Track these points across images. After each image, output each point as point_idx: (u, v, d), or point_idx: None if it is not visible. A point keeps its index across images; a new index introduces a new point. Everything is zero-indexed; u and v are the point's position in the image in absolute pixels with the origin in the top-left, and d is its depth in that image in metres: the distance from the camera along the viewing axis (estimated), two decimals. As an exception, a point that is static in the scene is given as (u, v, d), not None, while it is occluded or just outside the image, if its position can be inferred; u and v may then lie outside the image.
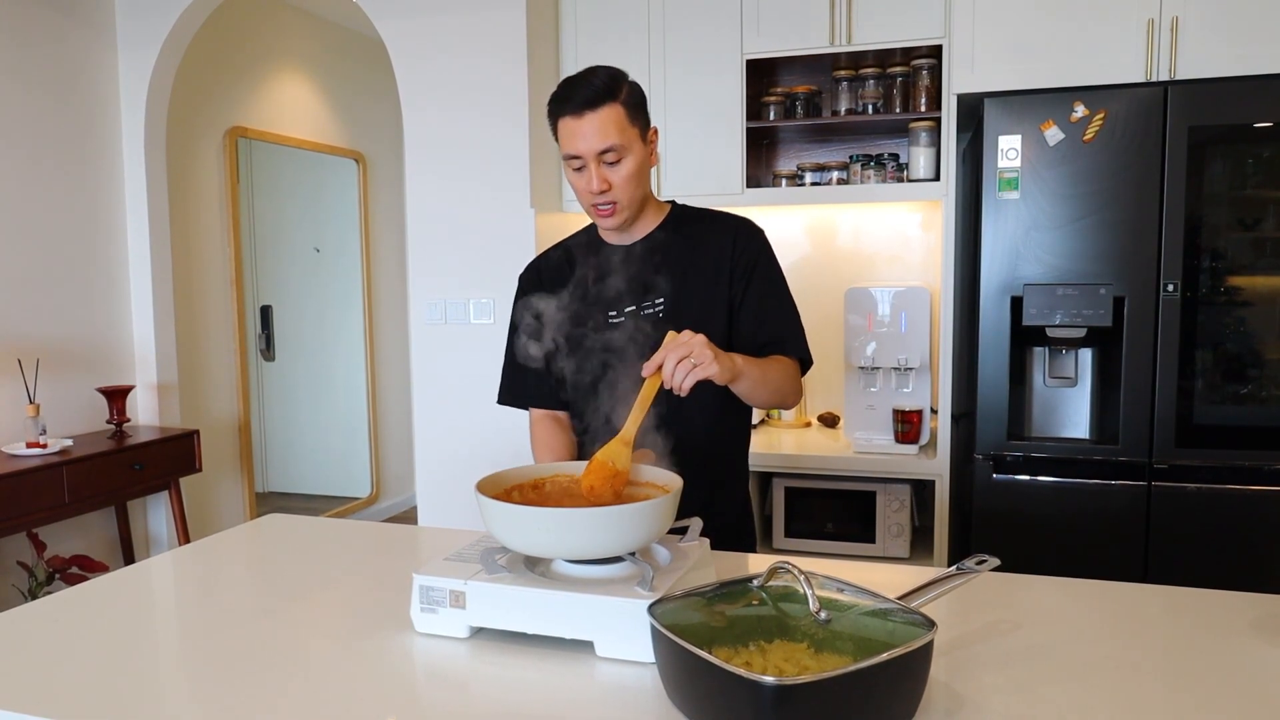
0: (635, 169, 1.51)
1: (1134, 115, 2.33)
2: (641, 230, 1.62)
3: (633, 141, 1.50)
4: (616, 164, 1.49)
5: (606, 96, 1.47)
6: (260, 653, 1.16)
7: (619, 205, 1.52)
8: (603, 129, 1.46)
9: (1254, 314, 2.32)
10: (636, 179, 1.52)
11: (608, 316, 1.59)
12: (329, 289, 5.20)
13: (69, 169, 3.45)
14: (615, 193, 1.50)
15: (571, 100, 1.47)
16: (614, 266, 1.61)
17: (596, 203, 1.52)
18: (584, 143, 1.47)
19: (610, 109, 1.47)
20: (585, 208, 1.56)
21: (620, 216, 1.54)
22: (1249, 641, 1.15)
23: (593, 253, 1.65)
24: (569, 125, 1.48)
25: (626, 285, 1.59)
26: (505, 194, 3.02)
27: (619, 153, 1.48)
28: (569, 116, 1.48)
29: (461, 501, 3.12)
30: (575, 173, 1.51)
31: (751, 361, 1.42)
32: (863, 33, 2.76)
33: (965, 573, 1.10)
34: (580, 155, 1.48)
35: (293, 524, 1.80)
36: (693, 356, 1.25)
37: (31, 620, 1.29)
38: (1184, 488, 2.36)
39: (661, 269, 1.58)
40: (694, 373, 1.25)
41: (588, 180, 1.49)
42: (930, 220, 3.11)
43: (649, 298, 1.58)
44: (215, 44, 4.14)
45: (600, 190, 1.49)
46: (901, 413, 2.71)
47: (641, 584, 1.12)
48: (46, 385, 3.33)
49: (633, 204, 1.54)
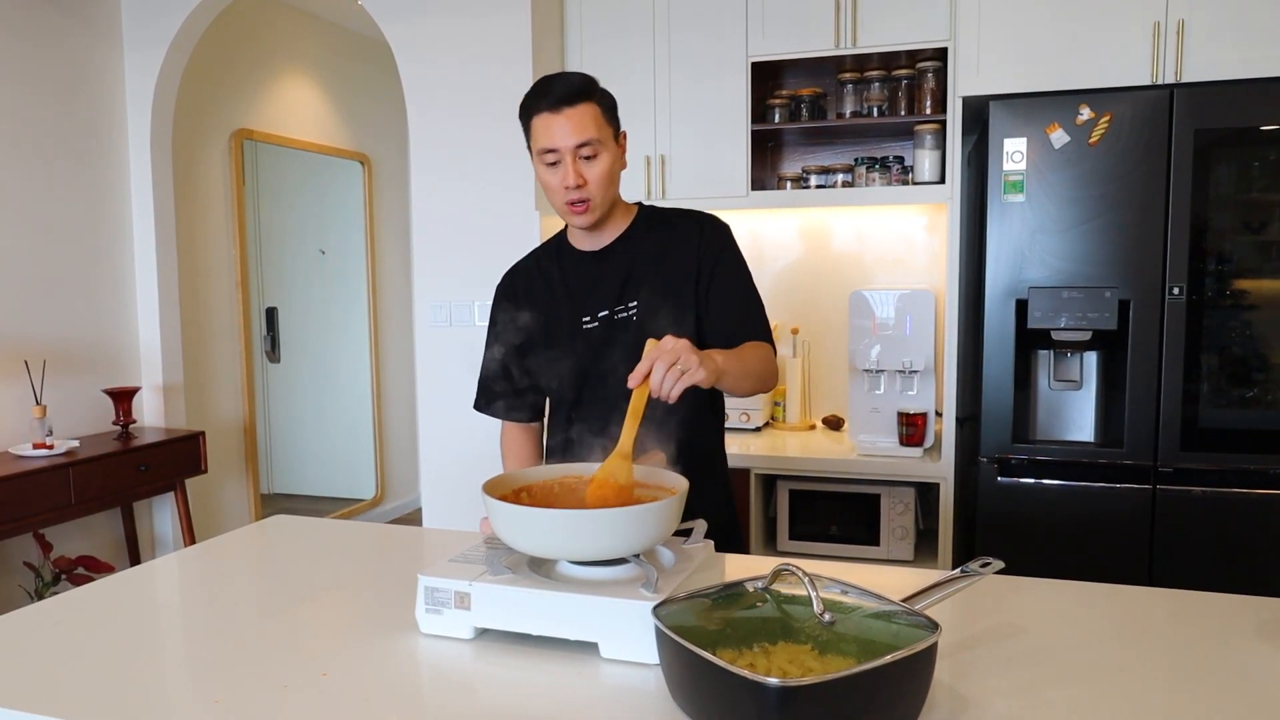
0: (609, 167, 1.54)
1: (1140, 118, 2.33)
2: (610, 233, 1.63)
3: (607, 140, 1.53)
4: (592, 159, 1.52)
5: (584, 95, 1.50)
6: (265, 654, 1.17)
7: (592, 203, 1.54)
8: (581, 124, 1.49)
9: (1260, 317, 2.32)
10: (609, 178, 1.55)
11: (581, 322, 1.61)
12: (334, 291, 5.21)
13: (75, 171, 3.47)
14: (589, 189, 1.52)
15: (550, 96, 1.50)
16: (585, 272, 1.63)
17: (570, 199, 1.53)
18: (562, 137, 1.49)
19: (587, 106, 1.50)
20: (557, 206, 1.57)
21: (593, 215, 1.56)
22: (1254, 645, 1.15)
23: (563, 259, 1.67)
24: (546, 120, 1.50)
25: (598, 290, 1.61)
26: (510, 196, 3.02)
27: (595, 148, 1.51)
28: (547, 112, 1.50)
29: (466, 503, 3.12)
30: (549, 169, 1.53)
31: (730, 355, 1.40)
32: (868, 35, 2.76)
33: (969, 575, 1.10)
34: (557, 149, 1.50)
35: (298, 525, 1.80)
36: (680, 363, 1.23)
37: (38, 621, 1.30)
38: (1189, 491, 2.35)
39: (632, 272, 1.60)
40: (682, 380, 1.24)
41: (563, 175, 1.51)
42: (935, 223, 3.11)
43: (622, 301, 1.59)
44: (221, 46, 4.15)
45: (576, 185, 1.51)
46: (906, 415, 2.71)
47: (646, 586, 1.12)
48: (53, 386, 3.35)
49: (604, 203, 1.56)
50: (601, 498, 1.26)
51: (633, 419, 1.25)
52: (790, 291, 3.25)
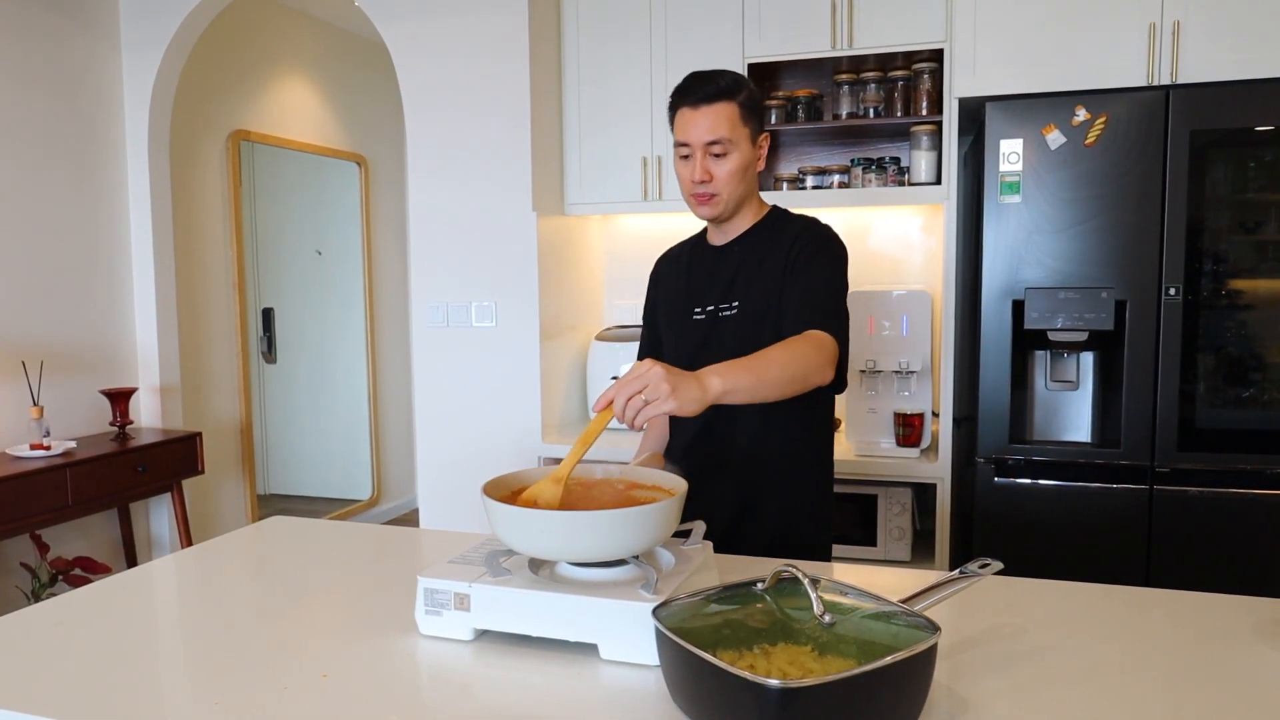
0: (739, 166, 1.58)
1: (1135, 119, 2.34)
2: (735, 230, 1.68)
3: (741, 140, 1.58)
4: (722, 157, 1.57)
5: (726, 94, 1.56)
6: (263, 655, 1.17)
7: (717, 197, 1.59)
8: (714, 122, 1.55)
9: (1256, 317, 2.33)
10: (739, 176, 1.59)
11: (692, 313, 1.68)
12: (330, 291, 5.21)
13: (73, 172, 3.46)
14: (716, 184, 1.58)
15: (693, 93, 1.56)
16: (707, 265, 1.70)
17: (695, 191, 1.59)
18: (695, 132, 1.56)
19: (726, 105, 1.55)
20: (685, 197, 1.64)
21: (716, 208, 1.61)
22: (1251, 645, 1.15)
23: (697, 250, 1.75)
24: (685, 115, 1.57)
25: (712, 284, 1.67)
26: (507, 197, 3.02)
27: (725, 147, 1.56)
28: (687, 107, 1.57)
29: (463, 504, 3.13)
30: (682, 160, 1.60)
31: (739, 368, 1.32)
32: (864, 36, 2.76)
33: (968, 576, 1.11)
34: (689, 143, 1.57)
35: (296, 526, 1.80)
36: (645, 393, 1.20)
37: (35, 622, 1.29)
38: (1186, 491, 2.36)
39: (741, 270, 1.64)
40: (645, 410, 1.20)
41: (691, 169, 1.58)
42: (932, 224, 3.11)
43: (727, 299, 1.64)
44: (218, 48, 4.15)
45: (701, 180, 1.57)
46: (903, 416, 2.71)
47: (645, 587, 1.12)
48: (50, 387, 3.34)
49: (731, 199, 1.61)
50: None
51: (581, 445, 1.22)
52: (787, 292, 3.25)
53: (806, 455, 1.67)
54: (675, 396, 1.21)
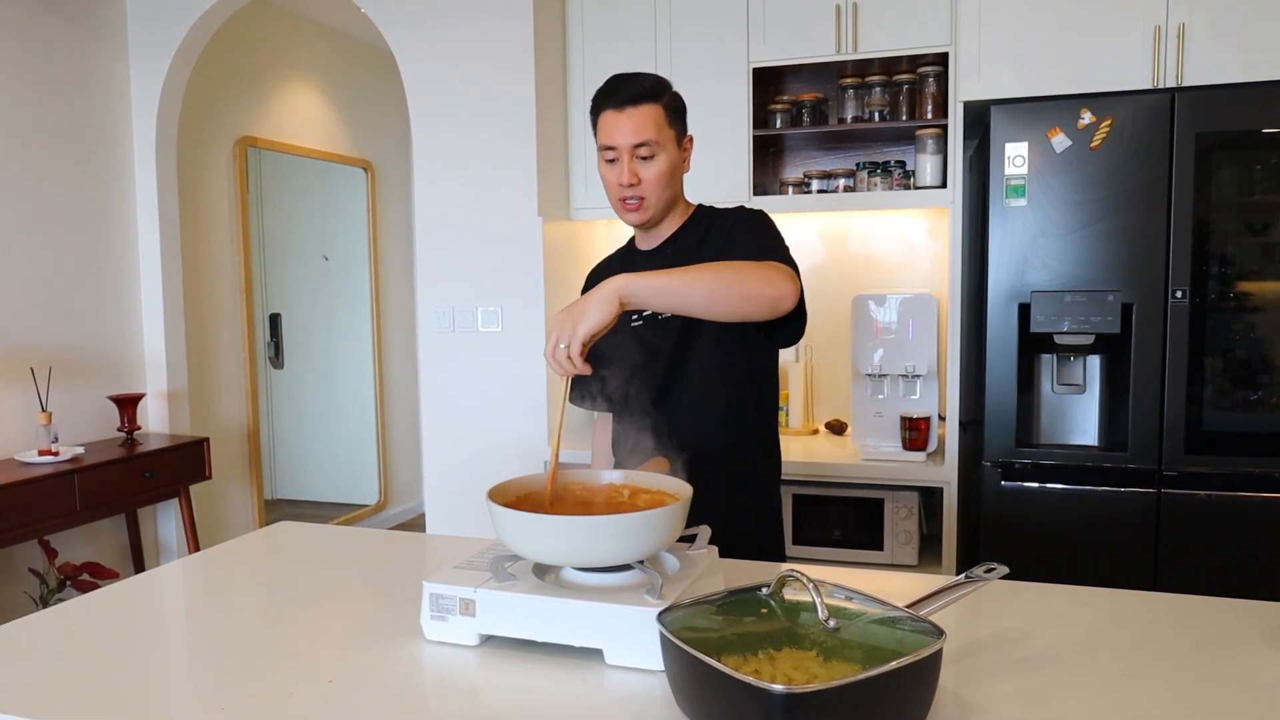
0: (666, 169, 1.57)
1: (1141, 122, 2.33)
2: (664, 234, 1.67)
3: (667, 142, 1.56)
4: (649, 160, 1.55)
5: (650, 96, 1.54)
6: (270, 660, 1.17)
7: (645, 202, 1.58)
8: (640, 125, 1.53)
9: (1263, 320, 2.32)
10: (666, 179, 1.57)
11: (630, 320, 1.65)
12: (337, 297, 5.22)
13: (80, 178, 3.48)
14: (643, 188, 1.56)
15: (617, 95, 1.54)
16: (639, 271, 1.64)
17: (624, 196, 1.57)
18: (621, 135, 1.54)
19: (651, 107, 1.54)
20: (613, 203, 1.61)
21: (645, 213, 1.59)
22: (1260, 650, 1.15)
23: (627, 258, 1.73)
24: (610, 118, 1.55)
25: None
26: (513, 202, 3.03)
27: (652, 149, 1.55)
28: (611, 109, 1.55)
29: (469, 509, 3.13)
30: (608, 165, 1.58)
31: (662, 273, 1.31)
32: (869, 41, 2.76)
33: (974, 581, 1.10)
34: (615, 147, 1.55)
35: (303, 532, 1.81)
36: (558, 337, 1.24)
37: (43, 627, 1.30)
38: (1193, 495, 2.35)
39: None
40: (571, 349, 1.24)
41: (619, 173, 1.56)
42: (937, 227, 3.11)
43: None
44: (225, 54, 4.17)
45: (629, 184, 1.55)
46: (909, 420, 2.71)
47: (650, 592, 1.12)
48: (58, 393, 3.35)
49: (659, 203, 1.59)
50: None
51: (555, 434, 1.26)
52: (793, 296, 3.25)
53: (754, 433, 1.67)
54: (581, 319, 1.25)
